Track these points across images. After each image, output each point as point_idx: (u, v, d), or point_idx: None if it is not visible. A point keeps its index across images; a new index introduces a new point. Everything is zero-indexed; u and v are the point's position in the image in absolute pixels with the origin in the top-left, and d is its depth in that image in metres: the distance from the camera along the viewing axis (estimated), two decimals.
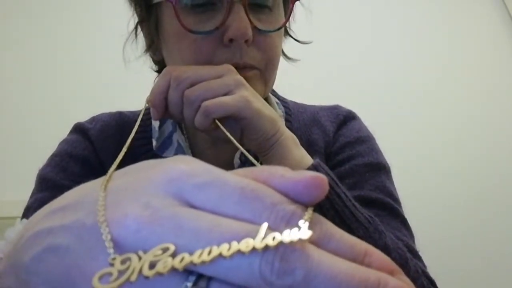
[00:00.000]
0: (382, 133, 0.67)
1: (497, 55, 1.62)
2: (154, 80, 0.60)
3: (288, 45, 0.62)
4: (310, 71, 1.45)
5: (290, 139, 0.46)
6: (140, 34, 0.58)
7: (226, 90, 0.44)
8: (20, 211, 0.53)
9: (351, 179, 0.55)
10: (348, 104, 0.69)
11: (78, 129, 0.59)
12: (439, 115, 1.54)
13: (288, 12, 0.52)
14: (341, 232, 0.19)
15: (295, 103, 0.67)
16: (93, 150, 0.56)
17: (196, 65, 0.48)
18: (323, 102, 0.69)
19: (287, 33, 0.60)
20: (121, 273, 0.17)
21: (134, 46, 0.59)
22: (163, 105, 0.46)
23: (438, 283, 0.50)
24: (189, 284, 0.17)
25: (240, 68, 0.48)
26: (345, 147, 0.59)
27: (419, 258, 0.50)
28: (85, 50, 1.49)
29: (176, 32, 0.49)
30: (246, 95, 0.43)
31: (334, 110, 0.65)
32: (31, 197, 0.54)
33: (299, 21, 0.62)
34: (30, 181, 0.56)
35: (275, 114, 0.46)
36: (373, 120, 0.70)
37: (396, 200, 0.56)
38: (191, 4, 0.47)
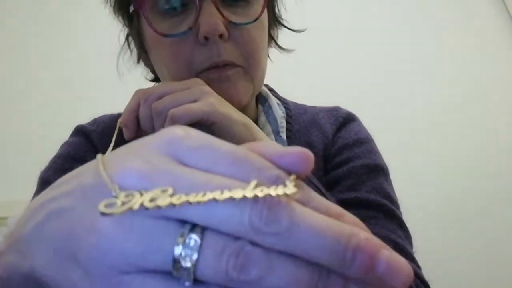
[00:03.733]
0: (380, 134, 0.68)
1: (497, 55, 1.62)
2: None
3: (288, 45, 0.62)
4: (309, 70, 1.45)
5: None
6: (133, 45, 0.58)
7: (193, 98, 0.44)
8: (19, 211, 0.53)
9: (349, 181, 0.55)
10: (346, 104, 0.69)
11: (80, 131, 0.59)
12: (438, 115, 1.55)
13: (264, 2, 0.51)
14: (319, 196, 0.21)
15: (295, 104, 0.66)
16: (95, 152, 0.55)
17: (178, 69, 0.49)
18: (322, 102, 0.70)
19: (279, 22, 0.59)
20: (124, 203, 0.19)
21: (130, 56, 0.59)
22: (134, 124, 0.46)
23: (436, 285, 0.50)
24: (186, 231, 0.19)
25: (220, 67, 0.48)
26: (343, 149, 0.59)
27: (412, 259, 0.50)
28: (87, 50, 1.49)
29: (153, 38, 0.49)
30: (213, 101, 0.43)
31: (334, 111, 0.65)
32: (32, 199, 0.54)
33: (293, 13, 0.61)
34: (32, 181, 0.56)
35: (248, 120, 0.46)
36: (372, 121, 0.70)
37: (394, 202, 0.55)
38: (162, 9, 0.48)
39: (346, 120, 0.63)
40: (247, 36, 0.49)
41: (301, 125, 0.62)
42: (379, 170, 0.57)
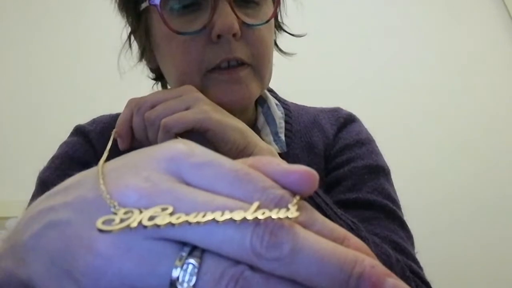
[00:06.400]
0: (381, 135, 0.67)
1: (497, 55, 1.61)
2: (152, 87, 0.61)
3: (287, 46, 0.62)
4: (308, 73, 1.45)
5: (265, 150, 0.45)
6: (135, 43, 0.58)
7: (185, 106, 0.44)
8: (19, 211, 0.52)
9: (350, 181, 0.55)
10: (345, 104, 0.69)
11: (79, 131, 0.59)
12: (438, 115, 1.54)
13: (275, 5, 0.52)
14: (323, 217, 0.20)
15: (296, 105, 0.66)
16: (93, 152, 0.56)
17: (188, 66, 0.49)
18: (321, 102, 0.69)
19: (280, 27, 0.60)
20: (123, 220, 0.18)
21: (130, 55, 0.59)
22: (129, 133, 0.46)
23: (437, 285, 0.50)
24: (184, 254, 0.18)
25: (231, 67, 0.48)
26: (344, 150, 0.59)
27: (413, 259, 0.50)
28: (86, 51, 1.49)
29: (165, 35, 0.49)
30: (205, 108, 0.43)
31: (335, 112, 0.65)
32: (31, 199, 0.53)
33: (293, 18, 0.61)
34: (32, 181, 0.56)
35: (243, 125, 0.46)
36: (373, 122, 0.70)
37: (395, 202, 0.55)
38: (176, 7, 0.48)
39: (347, 120, 0.64)
40: (258, 37, 0.50)
41: (301, 125, 0.61)
42: (380, 171, 0.57)
